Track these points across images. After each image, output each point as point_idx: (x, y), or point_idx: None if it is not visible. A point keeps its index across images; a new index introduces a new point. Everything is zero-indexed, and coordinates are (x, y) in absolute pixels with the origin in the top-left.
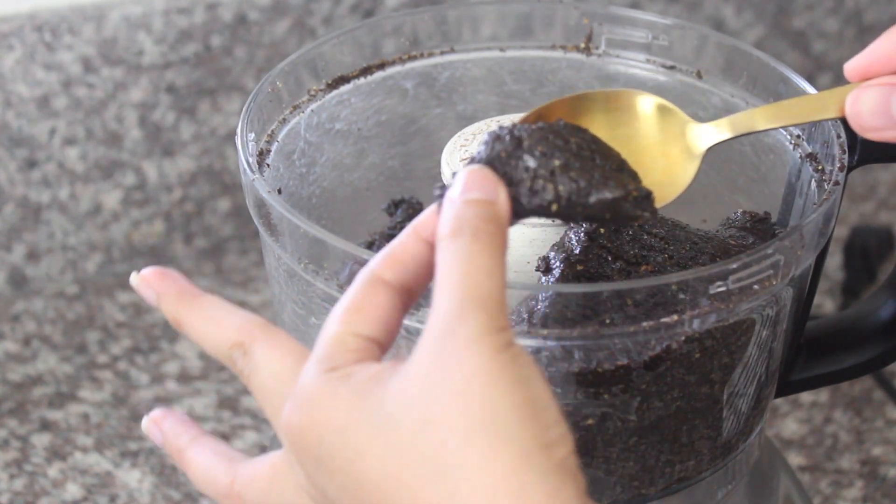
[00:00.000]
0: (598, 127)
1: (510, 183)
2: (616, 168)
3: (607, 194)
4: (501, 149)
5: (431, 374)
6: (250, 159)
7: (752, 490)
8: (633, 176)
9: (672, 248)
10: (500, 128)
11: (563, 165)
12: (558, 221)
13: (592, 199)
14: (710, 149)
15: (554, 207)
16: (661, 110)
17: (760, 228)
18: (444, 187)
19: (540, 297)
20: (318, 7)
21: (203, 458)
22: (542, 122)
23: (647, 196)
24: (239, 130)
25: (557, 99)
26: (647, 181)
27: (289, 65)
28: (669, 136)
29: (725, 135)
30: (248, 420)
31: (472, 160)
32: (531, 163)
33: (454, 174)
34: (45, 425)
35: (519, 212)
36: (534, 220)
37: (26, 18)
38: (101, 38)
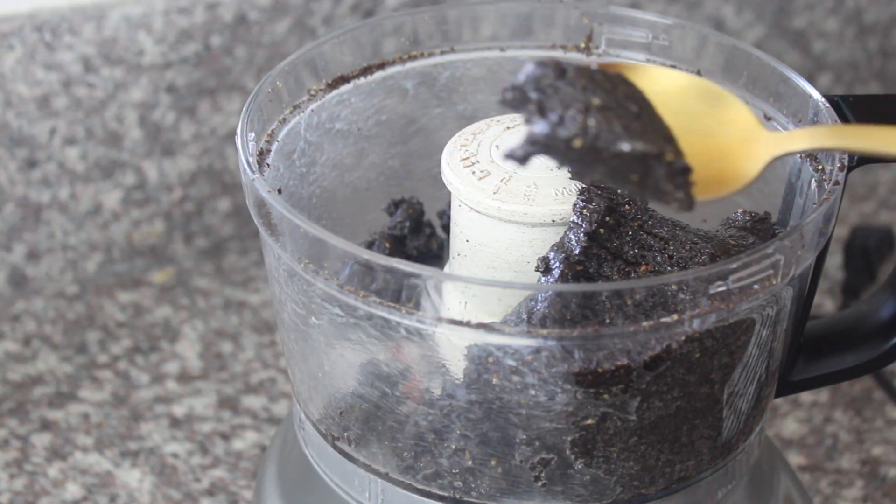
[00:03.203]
0: (661, 107)
1: (540, 110)
2: (661, 134)
3: (639, 146)
4: (542, 74)
5: None
6: (250, 159)
7: (752, 490)
8: (677, 149)
9: (672, 248)
10: (549, 57)
11: (602, 106)
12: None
13: (622, 146)
14: (774, 160)
15: (577, 143)
16: (735, 109)
17: (760, 228)
18: None
19: (540, 297)
20: (318, 7)
21: None
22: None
23: (685, 171)
24: (239, 130)
25: (636, 64)
26: (697, 175)
27: (289, 65)
28: (734, 138)
29: (796, 146)
30: (248, 420)
31: (510, 84)
32: (568, 92)
33: None
34: (45, 425)
35: (539, 144)
36: (534, 220)
37: (26, 18)
38: (101, 37)
